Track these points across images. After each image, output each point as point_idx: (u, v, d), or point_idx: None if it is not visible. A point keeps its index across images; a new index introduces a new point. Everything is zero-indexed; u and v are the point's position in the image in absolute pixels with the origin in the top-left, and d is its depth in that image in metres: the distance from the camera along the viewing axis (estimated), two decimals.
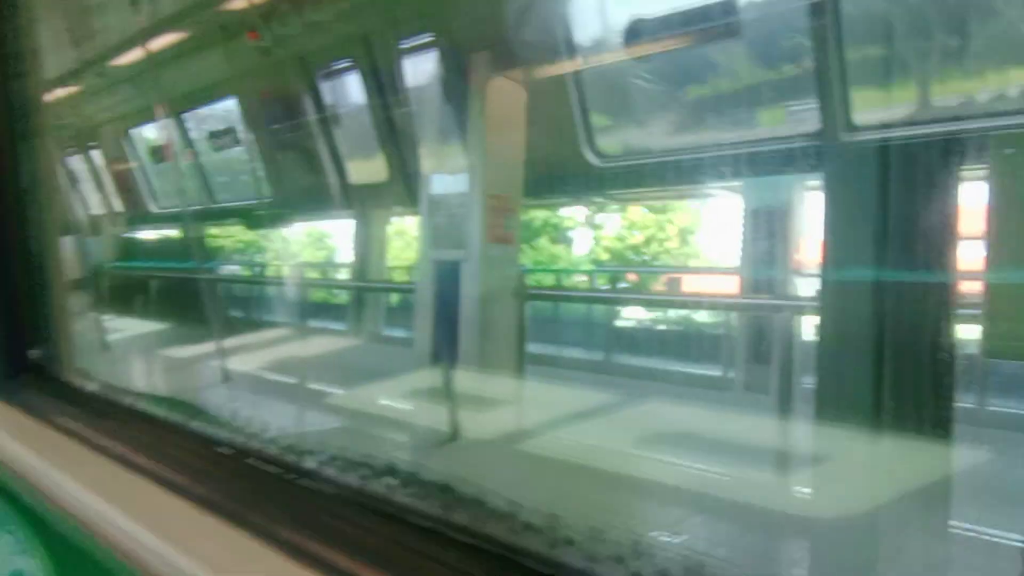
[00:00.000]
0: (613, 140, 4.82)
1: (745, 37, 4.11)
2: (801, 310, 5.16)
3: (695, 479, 3.75)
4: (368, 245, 7.83)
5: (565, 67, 4.58)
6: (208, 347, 5.72)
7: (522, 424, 3.83)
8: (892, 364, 2.62)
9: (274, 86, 6.51)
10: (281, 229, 8.48)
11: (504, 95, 4.79)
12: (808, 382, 4.14)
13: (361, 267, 8.27)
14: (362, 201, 6.97)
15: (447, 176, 5.10)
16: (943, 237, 2.62)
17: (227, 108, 7.37)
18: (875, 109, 3.40)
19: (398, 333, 9.43)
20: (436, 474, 1.30)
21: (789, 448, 3.84)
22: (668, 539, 3.08)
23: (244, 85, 6.74)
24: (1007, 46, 3.46)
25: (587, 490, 3.31)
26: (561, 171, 5.07)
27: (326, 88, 6.22)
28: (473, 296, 4.79)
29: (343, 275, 11.29)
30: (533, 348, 5.46)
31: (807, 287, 8.33)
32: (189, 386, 5.05)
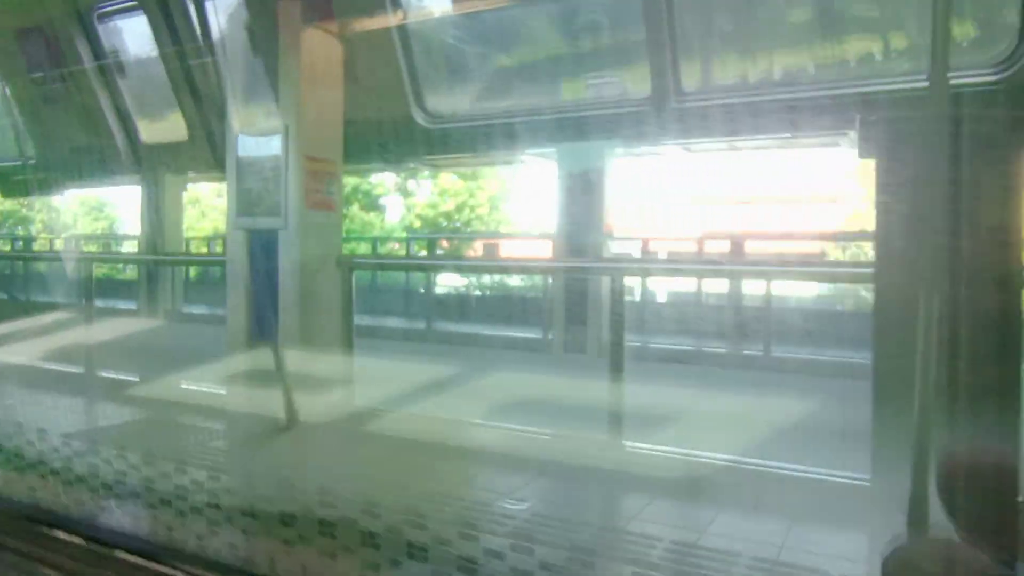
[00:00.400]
0: (443, 100, 4.63)
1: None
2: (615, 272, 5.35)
3: (530, 444, 3.77)
4: (162, 213, 6.98)
5: (387, 20, 4.30)
6: None
7: (360, 403, 3.62)
8: None
9: (34, 22, 5.46)
10: (51, 196, 7.30)
11: (319, 48, 4.41)
12: (628, 340, 4.35)
13: (153, 239, 7.38)
14: (154, 164, 6.16)
15: (258, 137, 4.63)
16: None
17: None
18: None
19: (200, 310, 8.62)
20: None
21: (615, 406, 3.96)
22: (514, 506, 3.06)
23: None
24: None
25: (430, 466, 3.21)
26: (386, 132, 4.80)
27: (105, 30, 5.35)
28: (293, 268, 4.43)
29: (131, 248, 10.10)
30: (358, 320, 5.21)
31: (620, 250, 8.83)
32: None
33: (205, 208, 17.63)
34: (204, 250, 11.87)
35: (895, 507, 1.02)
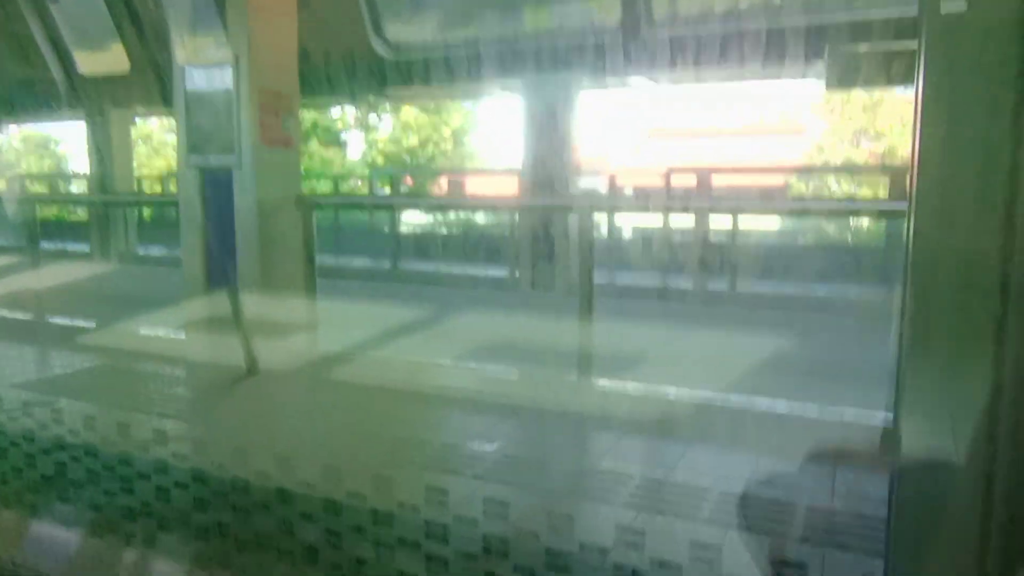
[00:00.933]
0: (403, 30, 4.39)
1: None
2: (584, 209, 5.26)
3: (500, 385, 3.74)
4: (110, 151, 6.64)
5: None
6: None
7: (324, 348, 3.53)
8: None
9: None
10: None
11: None
12: (597, 278, 4.30)
13: (103, 178, 7.04)
14: (97, 98, 5.79)
15: (206, 68, 4.36)
16: None
17: None
18: None
19: (156, 252, 8.34)
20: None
21: (585, 345, 3.93)
22: (486, 448, 3.04)
23: None
24: None
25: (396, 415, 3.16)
26: (344, 63, 4.55)
27: None
28: (250, 208, 4.25)
29: (79, 188, 9.65)
30: (321, 261, 5.07)
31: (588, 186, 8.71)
32: None
33: (157, 145, 16.92)
34: (158, 189, 11.41)
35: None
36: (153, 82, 5.07)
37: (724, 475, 2.69)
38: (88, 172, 7.60)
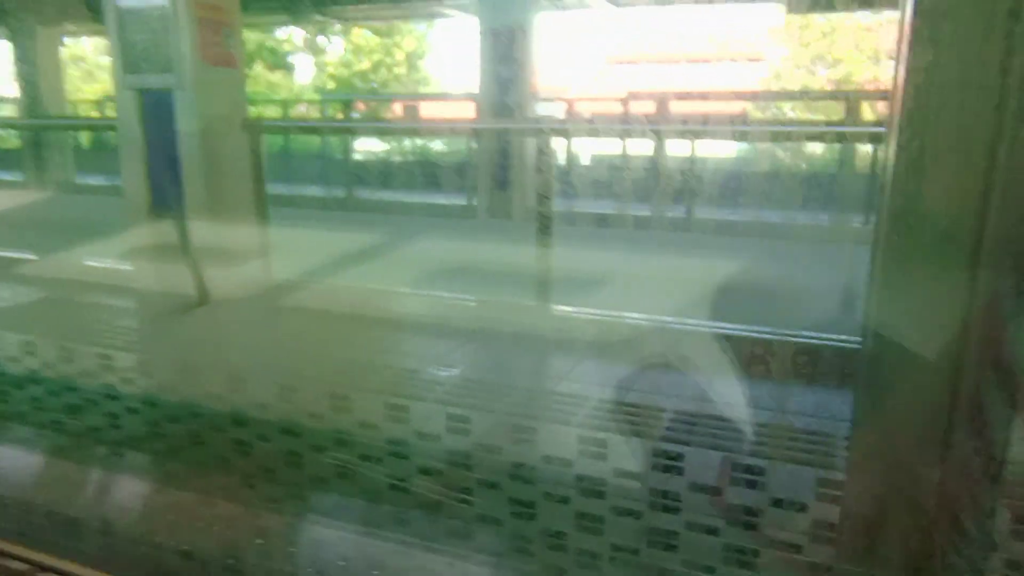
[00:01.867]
0: None
1: None
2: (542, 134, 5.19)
3: (458, 311, 3.74)
4: (36, 73, 6.24)
5: None
6: None
7: (277, 276, 3.45)
8: None
9: None
10: None
11: None
12: (557, 205, 4.29)
13: (31, 102, 6.64)
14: (18, 12, 5.39)
15: None
16: None
17: None
18: None
19: (97, 180, 7.98)
20: None
21: (542, 271, 3.94)
22: (445, 372, 3.06)
23: None
24: None
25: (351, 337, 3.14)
26: None
27: None
28: (193, 131, 4.07)
29: (6, 113, 9.08)
30: (274, 190, 4.92)
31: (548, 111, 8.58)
32: None
33: (91, 67, 15.97)
34: (95, 115, 10.83)
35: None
36: None
37: (677, 395, 2.77)
38: (17, 96, 7.15)
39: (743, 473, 1.43)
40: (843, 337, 2.71)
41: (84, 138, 8.63)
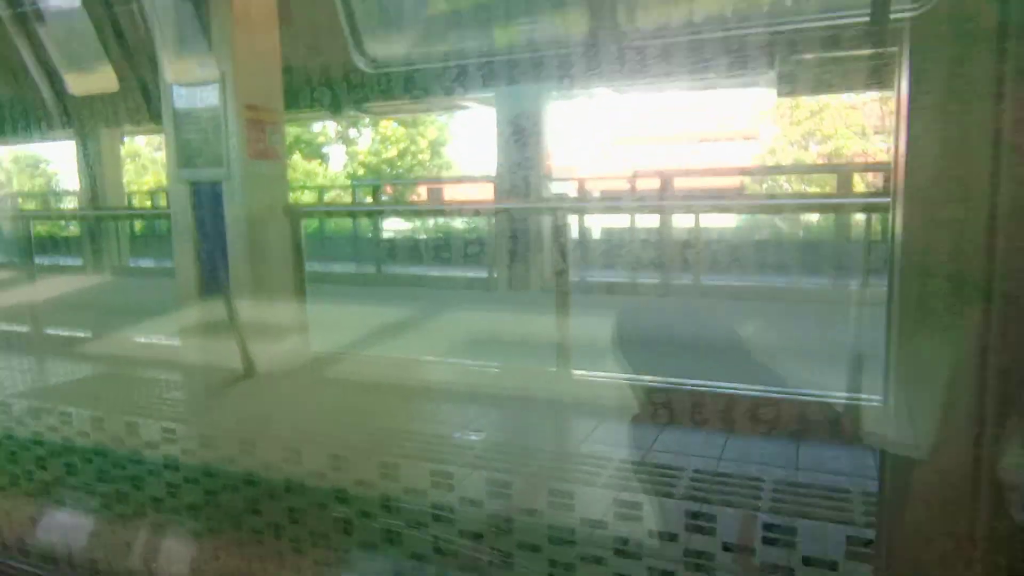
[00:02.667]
0: (382, 45, 4.36)
1: None
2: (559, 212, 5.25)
3: (484, 377, 3.73)
4: (100, 168, 6.49)
5: None
6: None
7: (316, 348, 3.48)
8: None
9: None
10: None
11: None
12: (572, 277, 4.32)
13: (94, 194, 6.89)
14: (87, 117, 5.66)
15: (194, 86, 4.29)
16: None
17: None
18: None
19: (148, 264, 8.17)
20: None
21: (562, 338, 3.93)
22: (474, 436, 3.03)
23: None
24: None
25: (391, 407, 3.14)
26: (327, 78, 4.50)
27: None
28: (240, 218, 4.18)
29: (70, 205, 9.42)
30: (310, 267, 5.01)
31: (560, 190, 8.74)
32: None
33: (145, 162, 16.61)
34: (148, 204, 11.20)
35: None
36: (141, 100, 4.97)
37: (699, 454, 2.72)
38: (79, 189, 7.42)
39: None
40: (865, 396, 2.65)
41: (137, 225, 8.90)
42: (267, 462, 1.68)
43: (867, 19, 3.56)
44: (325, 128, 17.57)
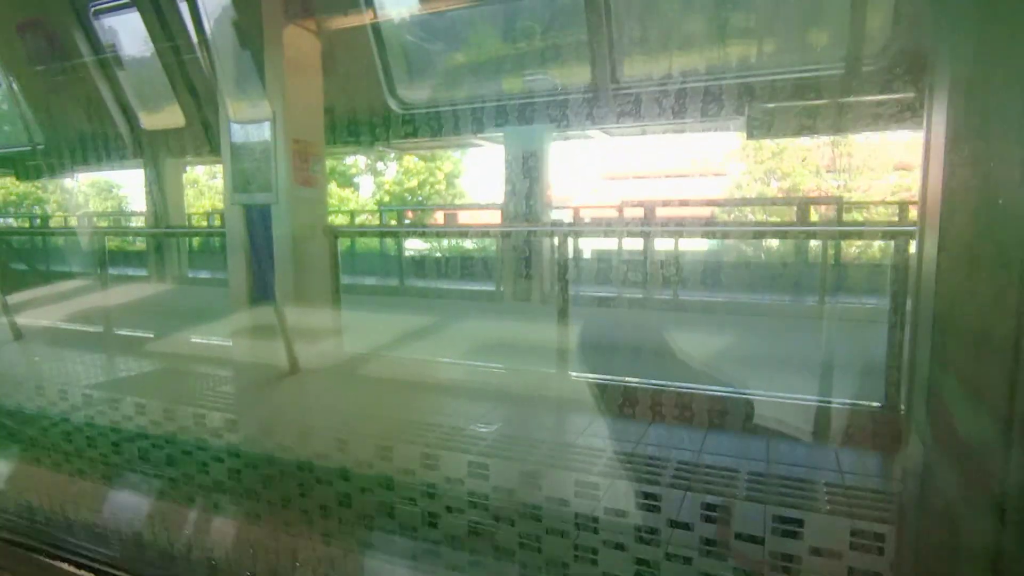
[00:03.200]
0: (411, 89, 4.37)
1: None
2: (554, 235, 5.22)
3: (494, 377, 3.68)
4: (165, 192, 6.48)
5: (358, 19, 3.99)
6: None
7: (349, 350, 3.45)
8: None
9: (32, 18, 4.86)
10: (61, 178, 6.66)
11: (300, 43, 4.09)
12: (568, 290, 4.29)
13: (158, 214, 6.87)
14: (155, 148, 5.66)
15: (249, 123, 4.29)
16: None
17: None
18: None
19: (204, 275, 8.16)
20: None
21: (561, 344, 3.88)
22: (484, 429, 2.98)
23: None
24: None
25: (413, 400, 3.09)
26: (364, 116, 4.51)
27: (101, 26, 4.80)
28: (286, 236, 4.18)
29: (140, 223, 9.41)
30: (343, 280, 4.98)
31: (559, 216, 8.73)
32: None
33: (202, 188, 16.65)
34: (204, 224, 11.20)
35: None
36: (202, 134, 4.99)
37: (689, 448, 2.66)
38: (145, 210, 7.42)
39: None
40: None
41: (195, 242, 8.89)
42: (315, 451, 1.65)
43: (830, 71, 3.57)
44: (356, 161, 17.66)
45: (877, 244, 5.10)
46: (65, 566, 1.09)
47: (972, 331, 0.92)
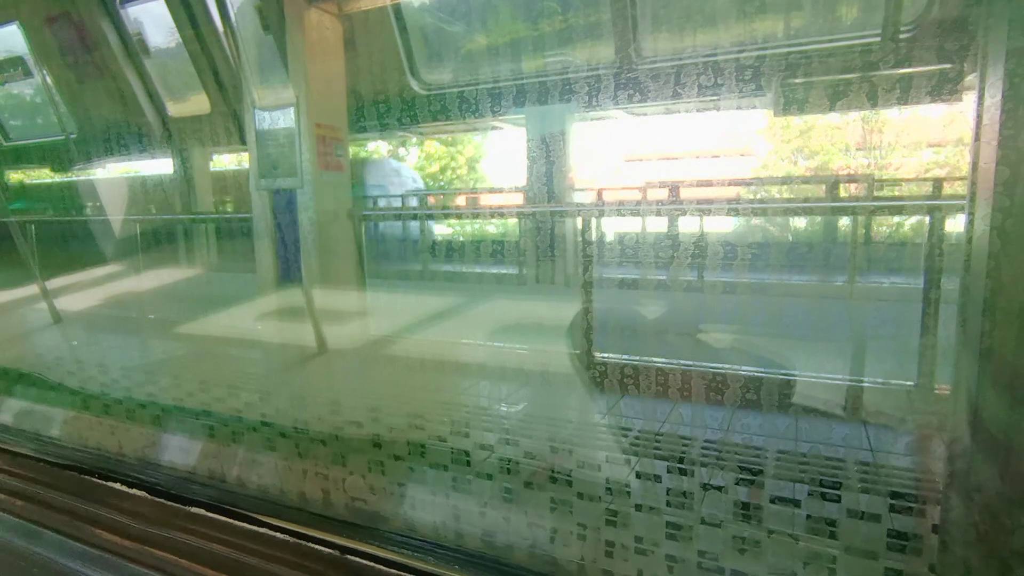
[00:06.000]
0: (434, 71, 4.36)
1: None
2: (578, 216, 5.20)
3: (518, 358, 3.70)
4: (193, 179, 6.59)
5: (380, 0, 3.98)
6: (31, 290, 4.48)
7: (375, 331, 3.49)
8: None
9: (62, 11, 4.95)
10: (91, 167, 6.81)
11: (321, 25, 4.09)
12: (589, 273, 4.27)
13: (187, 200, 7.00)
14: (187, 140, 5.75)
15: (273, 109, 4.32)
16: None
17: (7, 34, 5.49)
18: None
19: (231, 262, 8.30)
20: None
21: (585, 326, 3.87)
22: (506, 408, 3.00)
23: (25, 8, 5.04)
24: None
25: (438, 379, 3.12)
26: (388, 98, 4.50)
27: (128, 15, 4.87)
28: (311, 220, 4.22)
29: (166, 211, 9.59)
30: (368, 263, 5.02)
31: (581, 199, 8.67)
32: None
33: (229, 174, 16.87)
34: (230, 209, 11.38)
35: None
36: (227, 120, 5.05)
37: (713, 427, 2.65)
38: (174, 196, 7.55)
39: None
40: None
41: (221, 228, 9.03)
42: (350, 420, 1.68)
43: (869, 39, 3.44)
44: (378, 147, 17.72)
45: (909, 223, 4.95)
46: (117, 486, 1.14)
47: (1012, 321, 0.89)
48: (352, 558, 0.93)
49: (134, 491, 1.10)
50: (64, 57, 5.23)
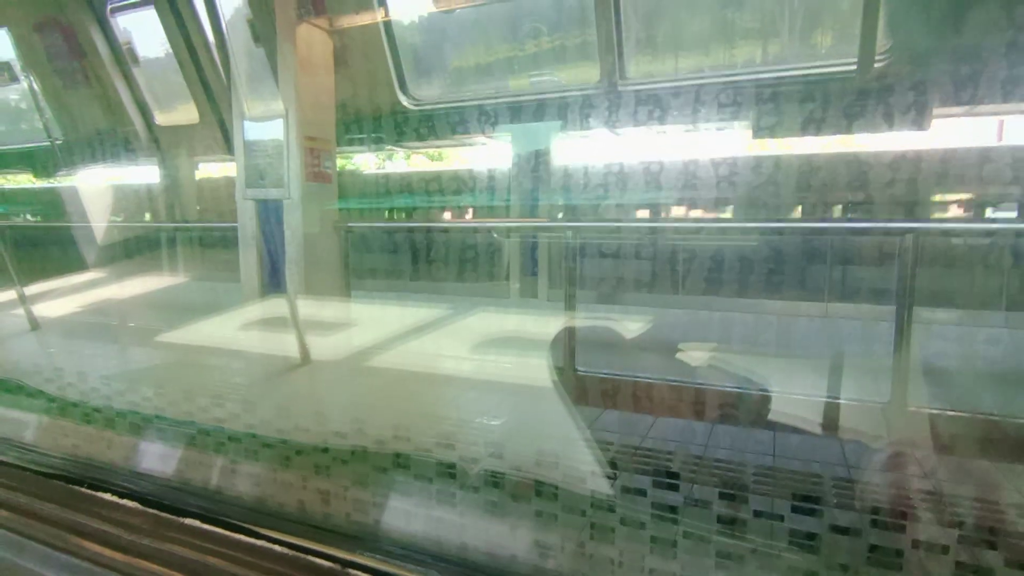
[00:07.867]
0: (423, 87, 4.40)
1: None
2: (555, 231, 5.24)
3: (502, 370, 3.70)
4: (180, 189, 6.54)
5: (370, 17, 4.02)
6: (9, 296, 4.39)
7: (361, 342, 3.48)
8: None
9: (49, 17, 4.91)
10: (76, 173, 6.72)
11: (312, 40, 4.11)
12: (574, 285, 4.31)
13: (171, 210, 6.93)
14: (169, 144, 5.70)
15: (262, 120, 4.32)
16: None
17: None
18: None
19: (215, 271, 8.21)
20: None
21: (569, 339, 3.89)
22: (492, 422, 3.00)
23: (12, 13, 4.99)
24: None
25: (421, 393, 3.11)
26: (376, 113, 4.53)
27: (118, 24, 4.84)
28: (297, 230, 4.21)
29: (151, 218, 9.47)
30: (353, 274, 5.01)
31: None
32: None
33: (216, 184, 16.72)
34: (215, 219, 11.27)
35: None
36: (217, 130, 5.03)
37: (697, 443, 2.68)
38: (160, 204, 7.47)
39: None
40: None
41: (204, 236, 8.93)
42: (335, 431, 1.67)
43: (841, 69, 3.56)
44: (366, 160, 17.73)
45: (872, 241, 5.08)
46: (108, 496, 1.12)
47: None
48: (354, 572, 0.92)
49: (125, 501, 1.08)
50: (51, 63, 5.18)
